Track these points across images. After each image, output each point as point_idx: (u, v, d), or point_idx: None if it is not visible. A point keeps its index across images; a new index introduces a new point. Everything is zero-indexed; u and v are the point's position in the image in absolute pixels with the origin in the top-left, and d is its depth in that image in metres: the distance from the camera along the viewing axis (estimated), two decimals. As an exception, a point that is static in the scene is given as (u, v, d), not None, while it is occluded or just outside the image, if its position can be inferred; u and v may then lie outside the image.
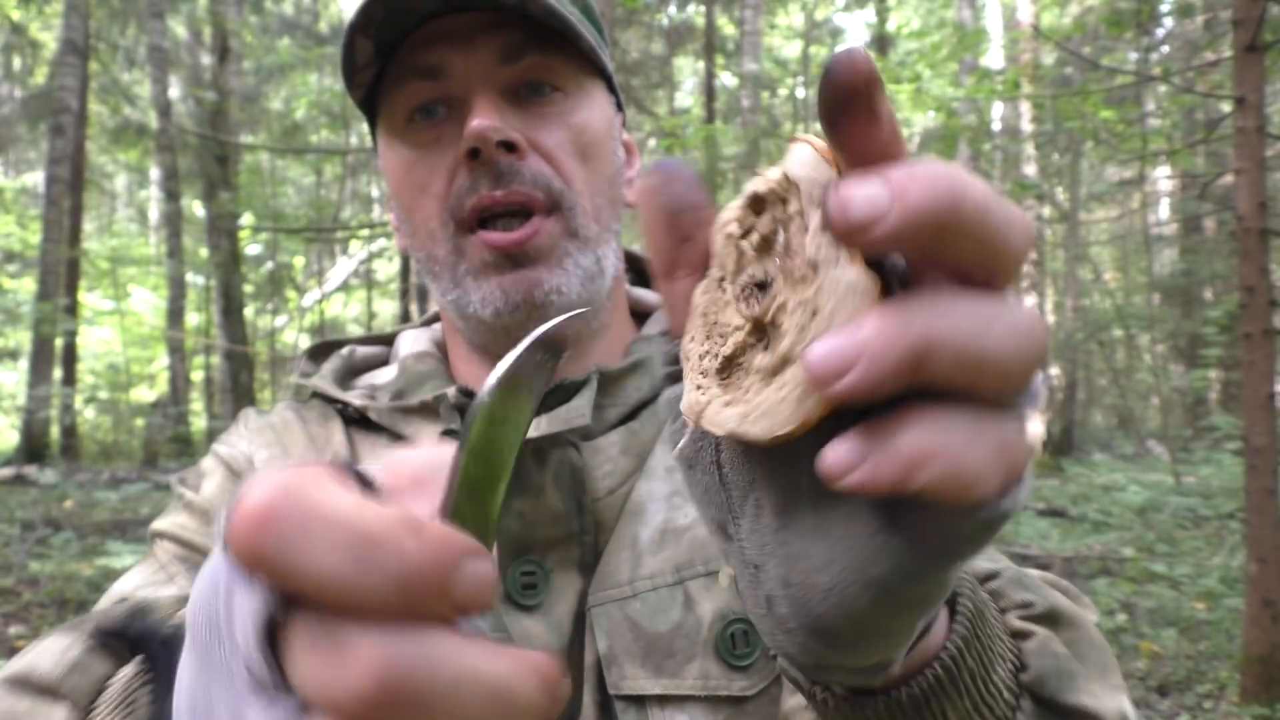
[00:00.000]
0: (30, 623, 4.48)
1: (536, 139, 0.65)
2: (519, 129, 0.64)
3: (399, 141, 0.68)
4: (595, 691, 0.58)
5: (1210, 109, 8.92)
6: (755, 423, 0.29)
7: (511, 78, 0.65)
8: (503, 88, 0.65)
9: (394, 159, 0.68)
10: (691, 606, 0.59)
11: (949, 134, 8.56)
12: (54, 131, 10.60)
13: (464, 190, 0.64)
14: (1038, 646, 0.47)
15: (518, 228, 0.64)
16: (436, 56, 0.64)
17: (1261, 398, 3.47)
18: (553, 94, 0.66)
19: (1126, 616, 4.57)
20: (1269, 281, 3.52)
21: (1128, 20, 6.00)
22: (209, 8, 11.31)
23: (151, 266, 15.55)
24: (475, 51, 0.64)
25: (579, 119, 0.67)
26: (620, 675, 0.57)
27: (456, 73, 0.64)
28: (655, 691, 0.57)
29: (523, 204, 0.64)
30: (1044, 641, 0.47)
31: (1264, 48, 3.59)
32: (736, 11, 14.20)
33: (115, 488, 8.26)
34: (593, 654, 0.59)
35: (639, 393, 0.66)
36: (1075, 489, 9.10)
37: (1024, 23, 10.58)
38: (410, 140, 0.67)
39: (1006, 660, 0.44)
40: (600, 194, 0.67)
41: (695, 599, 0.59)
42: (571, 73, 0.67)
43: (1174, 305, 14.82)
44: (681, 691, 0.57)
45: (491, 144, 0.62)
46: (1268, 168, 3.87)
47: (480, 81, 0.64)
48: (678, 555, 0.61)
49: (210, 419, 13.06)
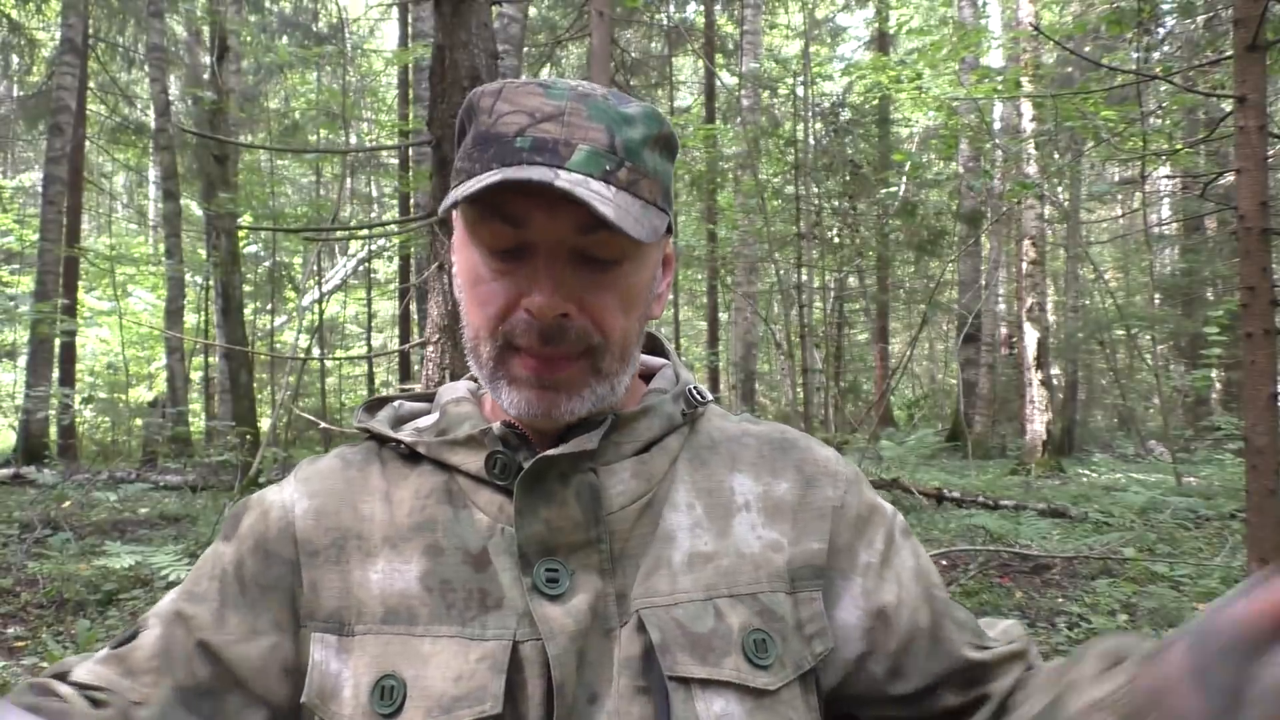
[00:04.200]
0: (28, 623, 4.47)
1: (588, 303, 0.73)
2: (577, 293, 0.72)
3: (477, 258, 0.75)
4: (636, 677, 0.69)
5: (1211, 108, 8.90)
6: None
7: (580, 244, 0.72)
8: (571, 251, 0.72)
9: (468, 265, 0.77)
10: (721, 617, 0.72)
11: (949, 134, 8.54)
12: (52, 131, 10.60)
13: (516, 330, 0.73)
14: None
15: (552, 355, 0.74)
16: (523, 209, 0.71)
17: (1263, 398, 3.46)
18: (614, 268, 0.74)
19: (1127, 617, 4.56)
20: (1270, 281, 3.51)
21: (1129, 19, 5.98)
22: (208, 7, 11.29)
23: (150, 266, 15.54)
24: (556, 217, 0.70)
25: (630, 282, 0.75)
26: (674, 661, 0.69)
27: (536, 226, 0.71)
28: (700, 675, 0.69)
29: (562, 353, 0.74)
30: None
31: (1265, 46, 3.58)
32: (736, 10, 14.19)
33: (114, 488, 8.26)
34: (634, 646, 0.70)
35: (650, 432, 0.79)
36: (1076, 489, 9.08)
37: (1025, 22, 10.56)
38: (485, 264, 0.75)
39: None
40: (631, 333, 0.77)
41: (724, 612, 0.72)
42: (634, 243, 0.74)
43: (1175, 305, 14.81)
44: (721, 678, 0.69)
45: (549, 316, 0.71)
46: (1269, 167, 3.86)
47: (555, 243, 0.71)
48: (705, 578, 0.74)
49: (209, 419, 13.05)
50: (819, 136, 13.90)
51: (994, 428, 14.51)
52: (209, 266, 11.76)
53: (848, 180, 13.13)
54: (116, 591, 4.74)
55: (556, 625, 0.69)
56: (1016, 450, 12.95)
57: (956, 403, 14.05)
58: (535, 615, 0.69)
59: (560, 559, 0.72)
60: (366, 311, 18.29)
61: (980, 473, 10.63)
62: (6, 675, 3.75)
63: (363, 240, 14.29)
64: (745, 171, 11.78)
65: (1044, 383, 11.59)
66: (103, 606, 4.61)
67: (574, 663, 0.69)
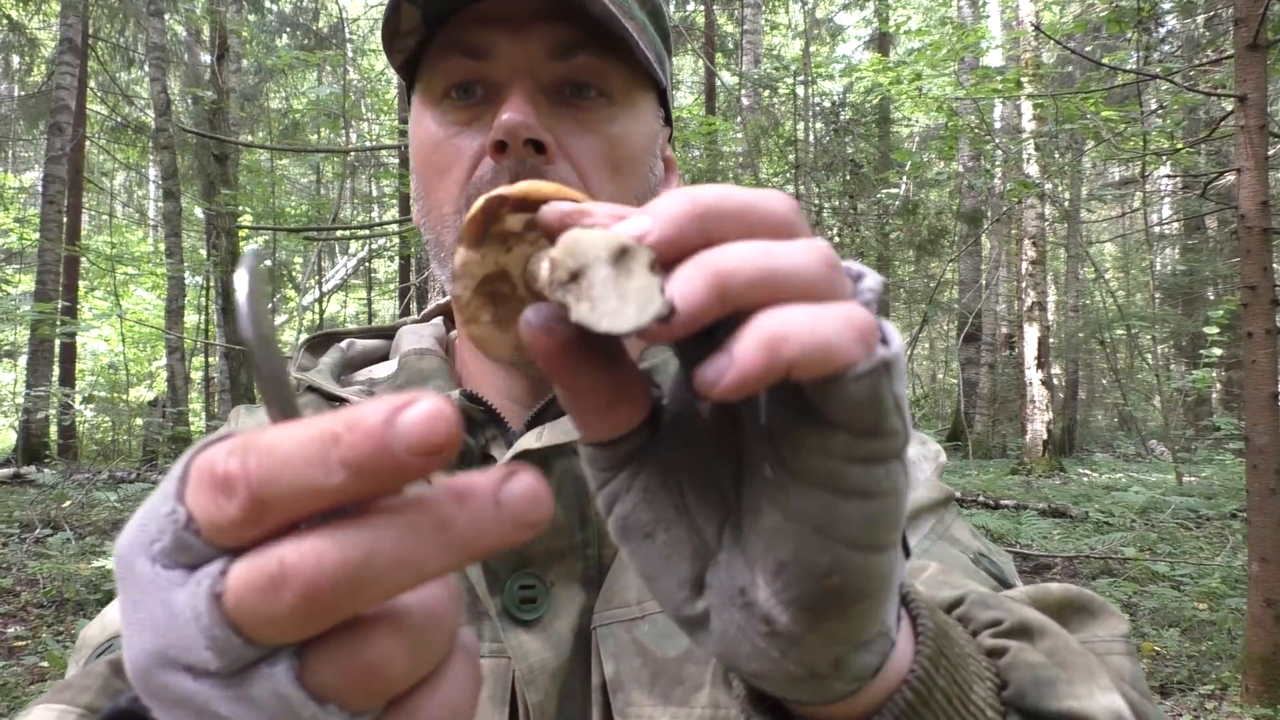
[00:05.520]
0: (28, 623, 4.47)
1: (569, 144, 0.62)
2: (553, 129, 0.61)
3: (430, 116, 0.65)
4: (603, 712, 0.57)
5: (1212, 107, 8.90)
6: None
7: (558, 74, 0.62)
8: (546, 82, 0.62)
9: (422, 133, 0.66)
10: None
11: (950, 134, 8.54)
12: (52, 130, 10.60)
13: (483, 182, 0.62)
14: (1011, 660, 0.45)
15: None
16: (485, 37, 0.61)
17: (1264, 397, 3.46)
18: (597, 99, 0.64)
19: (1128, 617, 4.56)
20: (1271, 280, 3.51)
21: (1129, 18, 5.98)
22: (207, 7, 11.30)
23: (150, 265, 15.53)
24: (526, 39, 0.61)
25: (618, 129, 0.64)
26: (626, 702, 0.56)
27: (501, 57, 0.62)
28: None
29: None
30: (1017, 653, 0.45)
31: (1266, 46, 3.58)
32: (736, 10, 14.19)
33: (114, 488, 8.25)
34: (599, 675, 0.57)
35: None
36: (1077, 489, 9.08)
37: (1025, 21, 10.56)
38: (442, 117, 0.65)
39: (985, 680, 0.43)
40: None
41: None
42: (622, 80, 0.64)
43: (1175, 304, 14.82)
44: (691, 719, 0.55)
45: (520, 140, 0.59)
46: (1270, 166, 3.86)
47: (524, 71, 0.61)
48: None
49: (209, 419, 13.05)
50: (819, 136, 13.90)
51: (994, 427, 14.50)
52: (209, 266, 11.76)
53: (848, 180, 13.12)
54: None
55: (535, 661, 0.57)
56: (1017, 450, 12.95)
57: (957, 402, 14.05)
58: (509, 646, 0.58)
59: (536, 572, 0.60)
60: (367, 311, 18.29)
61: (981, 472, 10.63)
62: (6, 675, 3.75)
63: (363, 240, 14.29)
64: (745, 171, 11.78)
65: (1044, 382, 11.58)
66: (102, 606, 4.60)
67: (554, 706, 0.57)
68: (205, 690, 0.26)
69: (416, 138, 0.67)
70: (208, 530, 0.26)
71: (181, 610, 0.26)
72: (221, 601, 0.25)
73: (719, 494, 0.34)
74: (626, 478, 0.35)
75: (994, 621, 0.48)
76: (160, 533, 0.27)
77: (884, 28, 14.85)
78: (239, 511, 0.25)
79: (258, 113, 14.06)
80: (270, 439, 0.25)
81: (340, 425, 0.25)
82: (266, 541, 0.25)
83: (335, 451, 0.24)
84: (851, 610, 0.32)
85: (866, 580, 0.32)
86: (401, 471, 0.25)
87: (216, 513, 0.25)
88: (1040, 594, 0.57)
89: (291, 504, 0.25)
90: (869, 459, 0.30)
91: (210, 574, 0.26)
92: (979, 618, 0.49)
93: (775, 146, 12.86)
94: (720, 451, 0.34)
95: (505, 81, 0.62)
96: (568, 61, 0.62)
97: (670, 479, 0.35)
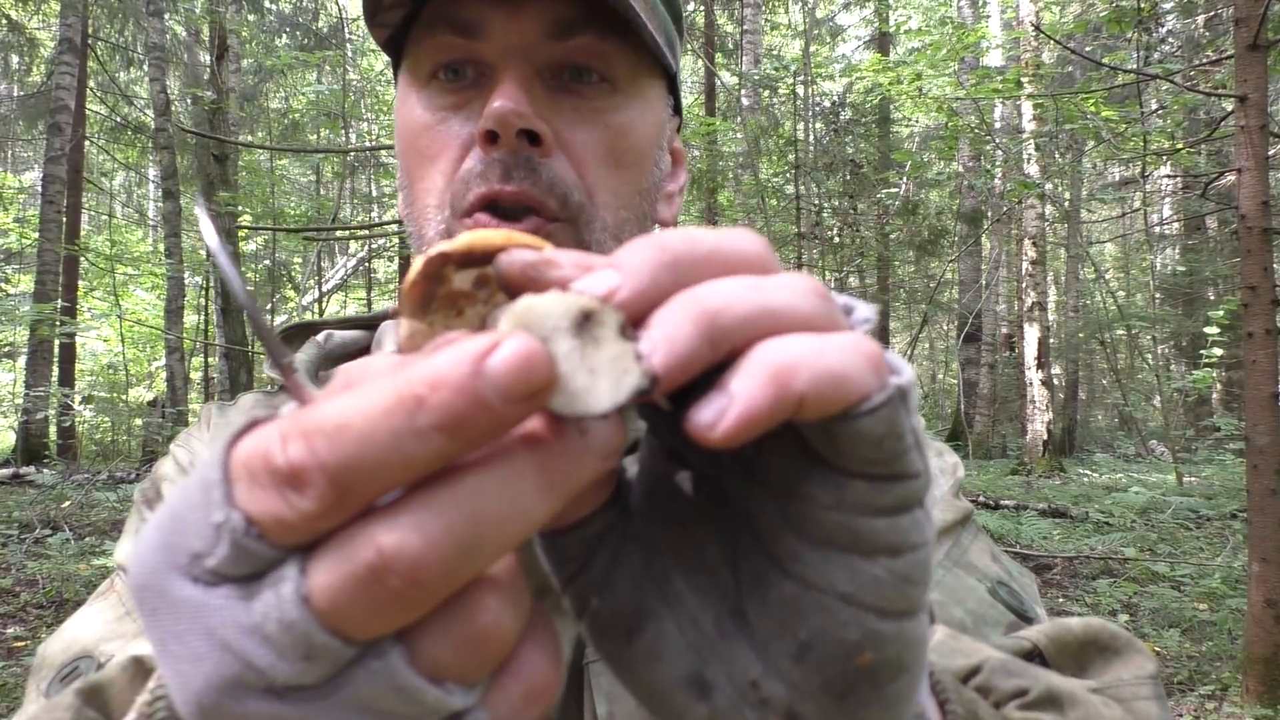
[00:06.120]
0: (28, 623, 4.47)
1: (567, 135, 0.57)
2: (549, 119, 0.56)
3: (416, 98, 0.60)
4: None
5: (1212, 107, 8.89)
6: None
7: (556, 56, 0.57)
8: (543, 65, 0.57)
9: (408, 116, 0.61)
10: None
11: (950, 134, 8.54)
12: (51, 130, 10.59)
13: (471, 175, 0.56)
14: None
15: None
16: (476, 12, 0.56)
17: (1264, 397, 3.46)
18: (599, 84, 0.58)
19: (1129, 617, 4.56)
20: (1272, 280, 3.51)
21: (1129, 18, 5.98)
22: (207, 7, 11.29)
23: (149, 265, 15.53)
24: (521, 16, 0.55)
25: (622, 119, 0.59)
26: None
27: (494, 35, 0.56)
28: None
29: (531, 207, 0.56)
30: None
31: (1266, 46, 3.57)
32: (736, 10, 14.19)
33: (113, 488, 8.24)
34: (591, 714, 0.53)
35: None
36: (1077, 489, 9.08)
37: (1025, 21, 10.56)
38: (429, 100, 0.59)
39: None
40: (628, 208, 0.59)
41: None
42: (627, 64, 0.59)
43: (1175, 305, 14.81)
44: None
45: (512, 131, 0.54)
46: (1270, 166, 3.86)
47: (519, 52, 0.56)
48: None
49: (209, 419, 13.05)
50: (819, 136, 13.90)
51: (994, 427, 14.50)
52: (209, 266, 11.76)
53: (848, 180, 13.11)
54: (116, 592, 4.74)
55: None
56: (1017, 450, 12.95)
57: (957, 402, 14.04)
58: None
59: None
60: (366, 311, 18.29)
61: (981, 472, 10.62)
62: (6, 675, 3.75)
63: (362, 240, 14.29)
64: (745, 171, 11.78)
65: (1045, 382, 11.58)
66: (102, 607, 4.61)
67: None
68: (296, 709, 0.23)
69: (402, 121, 0.62)
70: (275, 532, 0.23)
71: (257, 625, 0.23)
72: (310, 605, 0.23)
73: (710, 578, 0.30)
74: (601, 569, 0.31)
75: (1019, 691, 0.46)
76: (207, 546, 0.23)
77: (884, 28, 14.84)
78: (316, 504, 0.22)
79: (257, 113, 14.05)
80: (335, 414, 0.22)
81: (420, 385, 0.22)
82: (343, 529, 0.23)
83: (422, 416, 0.22)
84: (888, 690, 0.28)
85: (903, 652, 0.28)
86: (501, 424, 0.22)
87: (286, 510, 0.22)
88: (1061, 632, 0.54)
89: (379, 484, 0.22)
90: (892, 509, 0.27)
91: (289, 578, 0.23)
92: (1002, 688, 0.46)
93: (775, 146, 12.86)
94: (707, 529, 0.31)
95: (498, 63, 0.56)
96: (567, 42, 0.56)
97: (653, 565, 0.31)
